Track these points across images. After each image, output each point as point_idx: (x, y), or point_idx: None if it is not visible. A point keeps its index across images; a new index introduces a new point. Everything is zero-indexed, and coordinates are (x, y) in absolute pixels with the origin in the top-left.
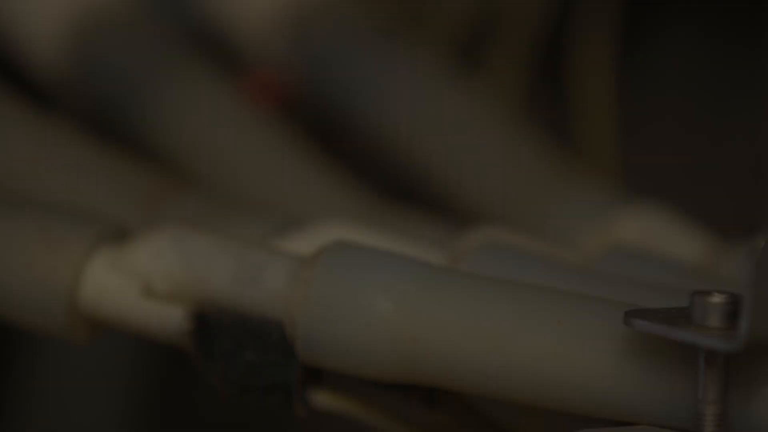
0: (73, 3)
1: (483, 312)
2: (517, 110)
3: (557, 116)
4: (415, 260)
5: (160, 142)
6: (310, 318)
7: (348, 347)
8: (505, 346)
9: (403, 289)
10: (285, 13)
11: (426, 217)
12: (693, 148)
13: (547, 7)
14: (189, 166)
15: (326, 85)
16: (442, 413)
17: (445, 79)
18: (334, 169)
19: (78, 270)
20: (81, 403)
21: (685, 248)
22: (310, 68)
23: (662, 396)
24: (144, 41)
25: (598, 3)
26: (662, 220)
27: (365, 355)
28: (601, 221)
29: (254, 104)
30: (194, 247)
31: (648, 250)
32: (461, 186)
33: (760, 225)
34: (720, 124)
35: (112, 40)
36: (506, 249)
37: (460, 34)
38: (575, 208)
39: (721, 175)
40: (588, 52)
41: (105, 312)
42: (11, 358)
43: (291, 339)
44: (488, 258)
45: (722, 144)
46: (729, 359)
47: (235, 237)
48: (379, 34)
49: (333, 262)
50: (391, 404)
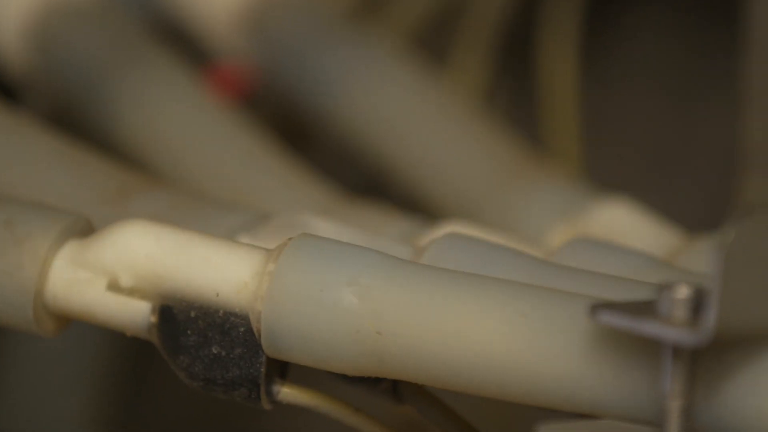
0: None
1: (447, 306)
2: (482, 105)
3: (522, 111)
4: (380, 254)
5: (125, 135)
6: (274, 311)
7: (313, 341)
8: (470, 340)
9: (367, 282)
10: (246, 5)
11: (391, 211)
12: (660, 142)
13: (511, 0)
14: (154, 161)
15: (288, 77)
16: (407, 406)
17: (409, 73)
18: (298, 162)
19: (44, 264)
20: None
21: (651, 241)
22: (272, 61)
23: (627, 389)
24: (108, 34)
25: None
26: (628, 213)
27: (330, 349)
28: (566, 215)
29: (218, 97)
30: (159, 242)
31: (613, 244)
32: (426, 181)
33: (727, 218)
34: (687, 117)
35: (77, 33)
36: (471, 243)
37: (422, 27)
38: (540, 203)
39: (687, 169)
40: (552, 47)
41: (71, 306)
42: None
43: (256, 332)
44: (452, 252)
45: (689, 137)
46: (695, 353)
47: (201, 231)
48: (341, 27)
49: (297, 255)
50: (357, 397)
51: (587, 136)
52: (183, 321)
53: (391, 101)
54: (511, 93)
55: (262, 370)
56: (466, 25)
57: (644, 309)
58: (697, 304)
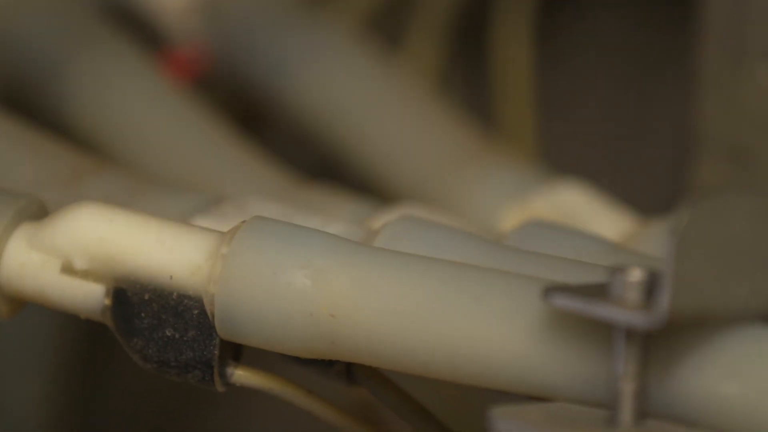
0: None
1: (400, 288)
2: (436, 88)
3: (476, 94)
4: (333, 237)
5: (79, 118)
6: (228, 294)
7: (266, 324)
8: (423, 322)
9: (320, 265)
10: None
11: (345, 194)
12: (613, 125)
13: None
14: (108, 143)
15: (242, 61)
16: (360, 388)
17: (363, 56)
18: (252, 146)
19: None
20: (1, 383)
21: (605, 225)
22: (227, 45)
23: (580, 372)
24: (62, 17)
25: None
26: (582, 196)
27: (283, 332)
28: (519, 198)
29: (172, 81)
30: (113, 225)
31: (567, 227)
32: (380, 164)
33: (680, 202)
34: (641, 100)
35: (31, 15)
36: (424, 226)
37: (376, 10)
38: (494, 186)
39: (641, 152)
40: (507, 30)
41: (25, 289)
42: None
43: (210, 315)
44: (406, 235)
45: (643, 120)
46: (648, 335)
47: (154, 214)
48: (295, 12)
49: (251, 238)
50: (310, 379)
51: (541, 118)
52: (137, 304)
53: (345, 85)
54: (466, 76)
55: (215, 352)
56: (421, 9)
57: (597, 292)
58: (650, 287)
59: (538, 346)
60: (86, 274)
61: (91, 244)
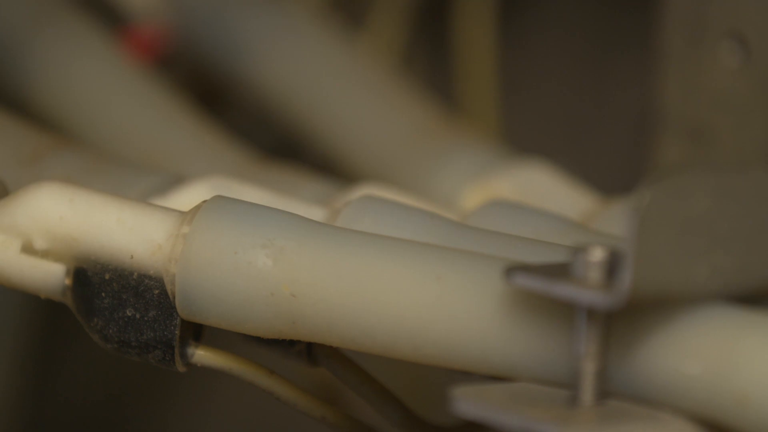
0: None
1: (361, 268)
2: (398, 68)
3: (439, 73)
4: (295, 216)
5: (38, 96)
6: (188, 274)
7: (226, 303)
8: (384, 302)
9: (282, 245)
10: None
11: (306, 174)
12: (575, 104)
13: None
14: (68, 122)
15: (204, 40)
16: (321, 368)
17: (325, 35)
18: (213, 125)
19: None
20: None
21: (567, 204)
22: (188, 24)
23: (541, 352)
24: None
25: None
26: (543, 176)
27: (244, 311)
28: (481, 177)
29: (133, 59)
30: (73, 204)
31: (528, 206)
32: (342, 143)
33: (641, 181)
34: (603, 79)
35: None
36: (385, 206)
37: None
38: (455, 165)
39: (603, 132)
40: (469, 9)
41: None
42: None
43: (171, 295)
44: (367, 215)
45: (605, 100)
46: (609, 315)
47: (115, 193)
48: None
49: (211, 218)
50: (271, 359)
51: (504, 98)
52: (97, 283)
53: (306, 64)
54: (428, 56)
55: (176, 332)
56: None
57: (559, 271)
58: (612, 266)
59: (500, 326)
60: (46, 254)
61: (52, 224)
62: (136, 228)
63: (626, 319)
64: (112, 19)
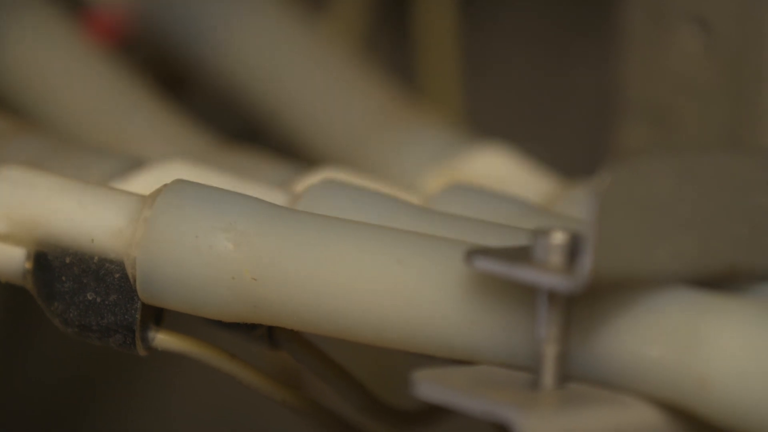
0: None
1: (323, 252)
2: (361, 51)
3: (401, 57)
4: (256, 200)
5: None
6: (149, 258)
7: (188, 287)
8: (345, 286)
9: (243, 228)
10: None
11: (269, 158)
12: (537, 88)
13: None
14: (28, 105)
15: (165, 23)
16: (282, 351)
17: (287, 19)
18: (174, 108)
19: None
20: None
21: (529, 187)
22: (149, 7)
23: (503, 335)
24: None
25: None
26: (505, 159)
27: (205, 295)
28: (442, 161)
29: (93, 42)
30: (33, 188)
31: (489, 190)
32: (303, 127)
33: (603, 165)
34: (564, 63)
35: None
36: (346, 189)
37: None
38: (416, 148)
39: (564, 115)
40: None
41: None
42: None
43: (132, 279)
44: (328, 198)
45: (566, 83)
46: (570, 299)
47: (76, 177)
48: None
49: (172, 201)
50: (233, 343)
51: (466, 81)
52: (58, 267)
53: (268, 47)
54: (390, 39)
55: (137, 316)
56: None
57: (520, 255)
58: (573, 250)
59: (461, 310)
60: (6, 238)
61: (12, 208)
62: (96, 212)
63: (587, 303)
64: (73, 2)
